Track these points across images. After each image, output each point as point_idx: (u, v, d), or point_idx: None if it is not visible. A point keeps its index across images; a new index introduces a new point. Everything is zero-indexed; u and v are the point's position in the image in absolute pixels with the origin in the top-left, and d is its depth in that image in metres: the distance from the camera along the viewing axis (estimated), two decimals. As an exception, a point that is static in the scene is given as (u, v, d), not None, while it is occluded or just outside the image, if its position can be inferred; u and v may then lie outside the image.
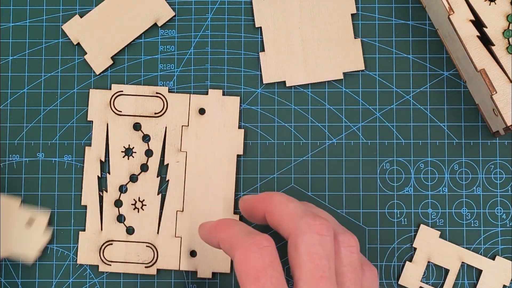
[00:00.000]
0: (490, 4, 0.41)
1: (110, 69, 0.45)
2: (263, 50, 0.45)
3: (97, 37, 0.45)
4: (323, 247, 0.35)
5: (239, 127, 0.45)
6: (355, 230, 0.44)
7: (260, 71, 0.45)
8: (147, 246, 0.44)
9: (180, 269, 0.44)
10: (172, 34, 0.45)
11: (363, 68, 0.45)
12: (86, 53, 0.45)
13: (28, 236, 0.44)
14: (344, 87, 0.45)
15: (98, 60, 0.45)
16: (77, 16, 0.45)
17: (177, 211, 0.44)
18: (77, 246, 0.44)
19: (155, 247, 0.44)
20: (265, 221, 0.38)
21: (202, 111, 0.44)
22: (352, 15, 0.45)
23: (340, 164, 0.45)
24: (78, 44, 0.45)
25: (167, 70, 0.45)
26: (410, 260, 0.44)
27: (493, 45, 0.41)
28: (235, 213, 0.44)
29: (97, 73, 0.45)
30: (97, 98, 0.45)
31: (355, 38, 0.45)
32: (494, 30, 0.41)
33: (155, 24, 0.45)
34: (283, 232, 0.36)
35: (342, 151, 0.45)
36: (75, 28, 0.45)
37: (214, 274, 0.44)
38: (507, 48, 0.41)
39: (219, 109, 0.44)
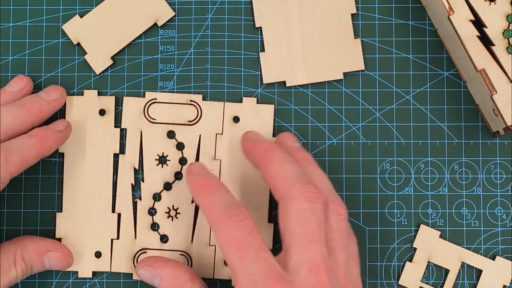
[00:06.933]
0: (490, 4, 0.41)
1: (110, 69, 0.45)
2: (263, 50, 0.45)
3: (97, 37, 0.45)
4: (314, 213, 0.36)
5: (273, 135, 0.44)
6: (355, 230, 0.44)
7: (260, 71, 0.45)
8: (181, 254, 0.43)
9: (214, 277, 0.43)
10: (172, 34, 0.45)
11: (363, 68, 0.45)
12: (86, 53, 0.45)
13: None
14: (344, 87, 0.45)
15: (98, 60, 0.45)
16: (77, 16, 0.45)
17: None
18: (111, 254, 0.43)
19: (189, 255, 0.43)
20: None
21: (236, 119, 0.44)
22: (352, 15, 0.45)
23: (340, 164, 0.45)
24: (78, 44, 0.45)
25: (167, 70, 0.45)
26: (410, 260, 0.44)
27: (493, 45, 0.41)
28: (269, 221, 0.43)
29: (97, 73, 0.45)
30: (131, 106, 0.44)
31: (355, 38, 0.45)
32: (494, 30, 0.41)
33: (155, 24, 0.45)
34: (274, 193, 0.37)
35: (342, 151, 0.45)
36: (75, 28, 0.45)
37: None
38: (507, 48, 0.41)
39: (253, 117, 0.44)
